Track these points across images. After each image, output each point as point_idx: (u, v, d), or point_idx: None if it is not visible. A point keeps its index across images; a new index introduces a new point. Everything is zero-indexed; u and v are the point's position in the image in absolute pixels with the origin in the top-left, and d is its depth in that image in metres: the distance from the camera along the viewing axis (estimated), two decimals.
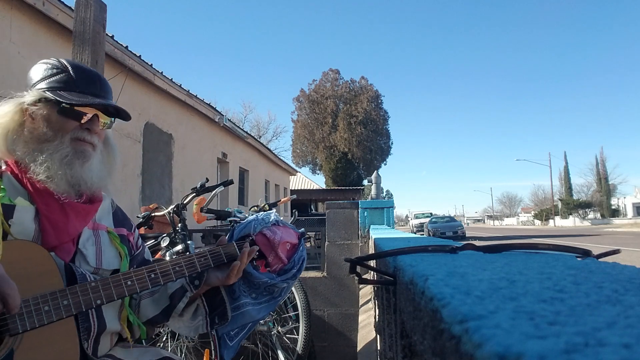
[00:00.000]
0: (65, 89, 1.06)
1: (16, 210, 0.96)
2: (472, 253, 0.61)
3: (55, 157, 1.02)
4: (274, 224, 1.38)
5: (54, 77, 1.07)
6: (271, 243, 1.30)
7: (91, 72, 1.13)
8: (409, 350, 0.62)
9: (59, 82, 1.07)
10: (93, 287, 0.96)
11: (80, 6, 2.34)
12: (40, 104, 1.05)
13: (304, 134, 34.42)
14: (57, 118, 1.05)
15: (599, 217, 44.67)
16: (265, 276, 1.33)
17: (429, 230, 21.44)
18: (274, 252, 1.31)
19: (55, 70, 1.07)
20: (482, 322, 0.24)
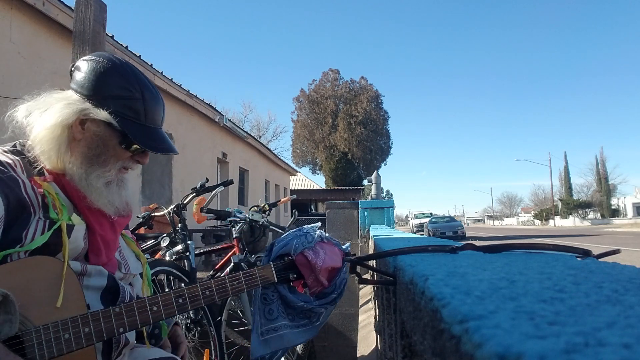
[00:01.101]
0: (134, 119, 1.00)
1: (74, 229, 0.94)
2: (472, 253, 0.61)
3: (100, 182, 0.99)
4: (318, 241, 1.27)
5: (126, 101, 0.99)
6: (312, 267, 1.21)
7: (159, 101, 1.07)
8: (409, 350, 0.61)
9: (130, 109, 0.99)
10: (117, 314, 0.91)
11: (80, 6, 2.34)
12: (102, 125, 0.98)
13: (304, 134, 34.42)
14: (115, 145, 1.00)
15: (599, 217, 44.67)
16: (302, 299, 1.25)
17: (429, 230, 21.43)
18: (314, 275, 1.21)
19: (129, 93, 1.00)
20: (482, 322, 0.24)
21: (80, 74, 1.00)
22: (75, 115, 0.96)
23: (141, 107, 1.01)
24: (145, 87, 1.03)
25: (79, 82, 0.99)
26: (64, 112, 0.96)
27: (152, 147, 1.02)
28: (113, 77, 0.99)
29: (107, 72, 0.99)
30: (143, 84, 1.03)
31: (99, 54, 1.03)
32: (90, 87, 0.98)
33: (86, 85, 0.98)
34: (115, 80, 0.99)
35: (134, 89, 1.00)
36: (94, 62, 1.00)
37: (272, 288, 1.27)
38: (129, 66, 1.04)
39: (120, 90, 0.99)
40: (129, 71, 1.02)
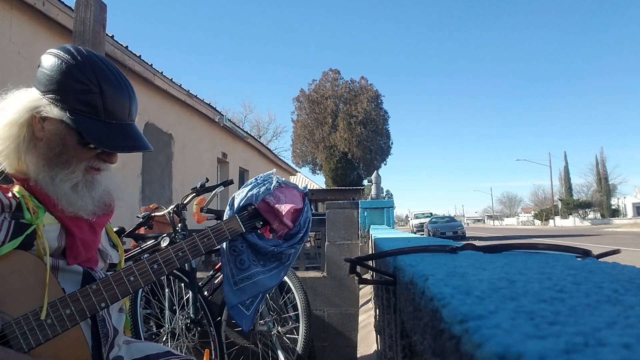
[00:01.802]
0: (91, 115, 0.92)
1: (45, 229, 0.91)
2: (472, 253, 0.61)
3: (66, 185, 0.93)
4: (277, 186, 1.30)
5: (82, 96, 0.91)
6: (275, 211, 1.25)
7: (123, 94, 0.97)
8: (409, 350, 0.61)
9: (85, 105, 0.92)
10: (94, 290, 0.91)
11: (80, 6, 2.34)
12: (58, 123, 0.92)
13: (304, 134, 34.41)
14: (75, 145, 0.93)
15: (599, 217, 44.66)
16: (271, 244, 1.29)
17: (429, 230, 21.44)
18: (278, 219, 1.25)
19: (84, 87, 0.92)
20: (482, 322, 0.24)
21: (40, 69, 0.94)
22: (28, 113, 0.91)
23: (98, 101, 0.92)
24: (105, 79, 0.94)
25: (38, 77, 0.94)
26: (18, 109, 0.91)
27: (111, 145, 0.94)
28: (70, 70, 0.92)
29: (64, 66, 0.92)
30: (103, 75, 0.94)
31: (60, 47, 0.96)
32: (47, 82, 0.92)
33: (43, 80, 0.92)
34: (71, 73, 0.92)
35: (91, 82, 0.92)
36: (53, 55, 0.94)
37: (240, 239, 1.31)
38: (90, 58, 0.95)
39: (76, 83, 0.91)
40: (87, 63, 0.93)
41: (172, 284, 2.59)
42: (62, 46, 0.97)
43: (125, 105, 0.98)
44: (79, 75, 0.92)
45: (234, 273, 1.30)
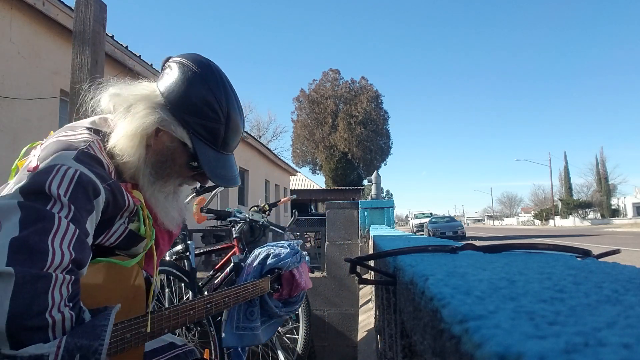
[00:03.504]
0: (209, 143, 0.93)
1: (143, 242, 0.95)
2: (472, 253, 0.61)
3: (161, 196, 0.95)
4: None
5: (208, 123, 0.91)
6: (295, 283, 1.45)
7: (240, 128, 0.99)
8: (409, 350, 0.61)
9: (208, 132, 0.92)
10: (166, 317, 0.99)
11: (80, 6, 2.34)
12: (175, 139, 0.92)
13: (304, 134, 34.40)
14: (182, 163, 0.95)
15: (599, 217, 44.65)
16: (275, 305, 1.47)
17: (429, 230, 21.43)
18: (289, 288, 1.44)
19: (214, 115, 0.91)
20: (482, 322, 0.24)
21: (171, 77, 0.92)
22: (155, 126, 0.90)
23: (222, 132, 0.93)
24: (233, 113, 0.95)
25: (167, 85, 0.92)
26: (145, 120, 0.89)
27: (220, 176, 0.95)
28: (202, 93, 0.90)
29: (198, 86, 0.91)
30: (232, 108, 0.95)
31: (194, 60, 0.94)
32: (175, 97, 0.90)
33: (172, 93, 0.91)
34: (203, 97, 0.90)
35: (221, 112, 0.92)
36: (186, 69, 0.92)
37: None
38: (222, 83, 0.94)
39: (205, 109, 0.91)
40: (220, 90, 0.93)
41: (172, 284, 2.59)
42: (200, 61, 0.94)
43: (238, 139, 1.00)
44: (214, 104, 0.91)
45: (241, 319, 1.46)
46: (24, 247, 0.67)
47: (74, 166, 0.77)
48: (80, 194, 0.76)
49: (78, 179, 0.76)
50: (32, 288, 0.66)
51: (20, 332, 0.64)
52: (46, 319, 0.67)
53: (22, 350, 0.64)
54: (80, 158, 0.80)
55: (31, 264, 0.67)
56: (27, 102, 4.61)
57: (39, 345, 0.65)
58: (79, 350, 0.68)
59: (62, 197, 0.73)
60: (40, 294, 0.66)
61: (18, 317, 0.64)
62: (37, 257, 0.68)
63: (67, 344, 0.67)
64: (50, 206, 0.72)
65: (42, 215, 0.71)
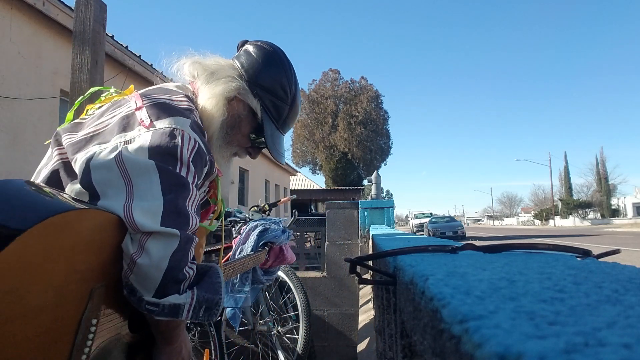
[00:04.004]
0: (274, 119, 1.03)
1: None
2: (472, 253, 0.61)
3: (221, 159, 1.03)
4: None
5: (277, 101, 1.02)
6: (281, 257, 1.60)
7: (297, 115, 1.10)
8: (409, 350, 0.61)
9: (275, 109, 1.02)
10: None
11: (80, 6, 2.34)
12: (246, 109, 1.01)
13: (304, 134, 34.39)
14: (246, 133, 1.03)
15: (599, 217, 44.63)
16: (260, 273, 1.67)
17: (429, 230, 21.42)
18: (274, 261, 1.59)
19: (283, 95, 1.02)
20: (482, 322, 0.24)
21: (249, 55, 1.02)
22: (236, 92, 0.98)
23: (285, 112, 1.04)
24: (297, 98, 1.07)
25: (247, 62, 1.01)
26: (229, 85, 0.97)
27: (276, 151, 1.04)
28: (278, 74, 1.01)
29: (276, 67, 1.01)
30: (297, 94, 1.08)
31: (272, 46, 1.05)
32: (254, 73, 1.00)
33: (251, 68, 1.00)
34: (279, 77, 1.01)
35: (289, 94, 1.03)
36: (267, 51, 1.03)
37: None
38: (293, 70, 1.07)
39: (278, 88, 1.01)
40: (293, 78, 1.05)
41: None
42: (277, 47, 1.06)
43: (293, 124, 1.10)
44: (286, 86, 1.02)
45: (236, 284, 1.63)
46: (175, 210, 0.74)
47: (192, 135, 0.82)
48: (198, 163, 0.83)
49: (198, 149, 0.82)
50: (185, 248, 0.74)
51: (168, 283, 0.73)
52: (185, 274, 0.76)
53: (164, 299, 0.73)
54: (194, 127, 0.85)
55: (182, 226, 0.74)
56: (27, 102, 4.61)
57: (176, 296, 0.74)
58: (205, 302, 0.79)
59: (190, 164, 0.80)
60: (188, 253, 0.76)
61: (173, 270, 0.72)
62: (185, 221, 0.76)
63: (198, 296, 0.77)
64: (185, 173, 0.79)
65: (182, 182, 0.77)
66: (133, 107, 0.85)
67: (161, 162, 0.75)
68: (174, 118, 0.82)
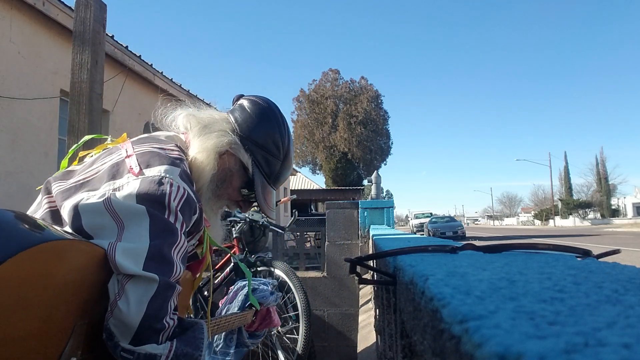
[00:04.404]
0: (265, 174, 1.03)
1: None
2: (472, 253, 0.61)
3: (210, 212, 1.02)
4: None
5: (269, 157, 1.02)
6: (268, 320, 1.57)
7: (289, 171, 1.10)
8: (409, 350, 0.61)
9: (267, 164, 1.02)
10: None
11: (80, 6, 2.34)
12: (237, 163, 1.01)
13: (304, 134, 34.40)
14: (236, 187, 1.03)
15: (599, 217, 44.63)
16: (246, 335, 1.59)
17: (429, 230, 21.42)
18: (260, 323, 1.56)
19: (275, 151, 1.03)
20: (482, 322, 0.24)
21: (243, 110, 1.04)
22: (228, 146, 0.99)
23: (278, 167, 1.05)
24: (289, 153, 1.08)
25: (241, 117, 1.03)
26: (221, 139, 0.98)
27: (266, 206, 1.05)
28: (272, 130, 1.02)
29: (269, 123, 1.03)
30: (290, 149, 1.07)
31: (267, 101, 1.07)
32: (247, 128, 1.01)
33: (244, 123, 1.01)
34: (272, 133, 1.02)
35: (282, 150, 1.04)
36: (261, 107, 1.04)
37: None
38: (287, 126, 1.08)
39: (271, 144, 1.02)
40: (286, 134, 1.06)
41: None
42: (271, 102, 1.09)
43: (286, 179, 1.12)
44: (279, 142, 1.03)
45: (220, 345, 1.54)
46: (159, 256, 0.74)
47: (181, 184, 0.83)
48: (187, 211, 0.83)
49: (187, 198, 0.82)
50: (165, 295, 0.73)
51: (145, 331, 0.71)
52: (164, 324, 0.74)
53: (140, 347, 0.71)
54: (183, 177, 0.85)
55: (164, 273, 0.74)
56: (27, 102, 4.61)
57: (153, 346, 0.72)
58: (184, 357, 0.76)
59: (178, 213, 0.80)
60: (168, 301, 0.74)
61: (150, 318, 0.71)
62: (167, 268, 0.75)
63: (176, 349, 0.75)
64: (174, 220, 0.79)
65: (170, 228, 0.77)
66: (123, 155, 0.86)
67: (149, 207, 0.76)
68: (164, 167, 0.83)
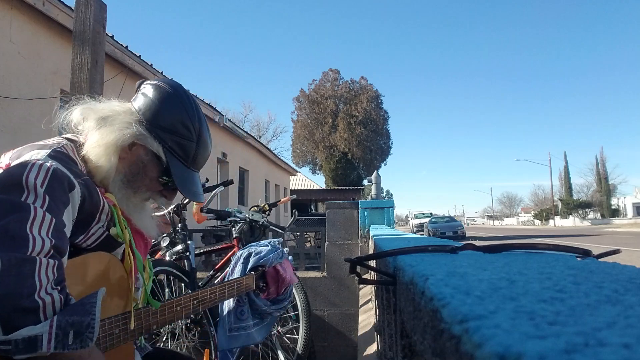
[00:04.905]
0: (181, 158, 0.99)
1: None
2: (472, 253, 0.61)
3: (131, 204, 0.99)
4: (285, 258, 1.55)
5: (181, 140, 0.97)
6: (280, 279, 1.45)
7: (208, 149, 1.06)
8: (409, 350, 0.62)
9: (181, 148, 0.98)
10: (153, 313, 1.01)
11: (80, 6, 2.34)
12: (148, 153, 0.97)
13: (304, 134, 34.40)
14: (153, 177, 1.00)
15: (599, 217, 44.61)
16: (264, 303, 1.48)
17: (429, 230, 21.42)
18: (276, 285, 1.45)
19: (186, 133, 0.98)
20: (482, 322, 0.24)
21: (146, 97, 0.99)
22: (132, 139, 0.95)
23: (192, 150, 1.00)
24: (203, 132, 1.03)
25: (142, 104, 0.98)
26: (124, 132, 0.94)
27: (188, 190, 1.01)
28: (178, 111, 0.98)
29: (174, 105, 0.98)
30: (202, 129, 1.02)
31: (169, 84, 1.02)
32: (151, 114, 0.96)
33: (148, 110, 0.97)
34: (178, 115, 0.98)
35: (194, 132, 1.00)
36: (163, 90, 0.99)
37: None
38: (194, 105, 1.02)
39: (179, 126, 0.98)
40: (195, 113, 1.01)
41: (172, 284, 2.59)
42: (170, 82, 1.03)
43: (206, 158, 1.07)
44: (188, 123, 0.98)
45: (232, 321, 1.46)
46: (4, 234, 0.68)
47: (49, 162, 0.81)
48: (57, 186, 0.79)
49: (53, 173, 0.79)
50: (19, 271, 0.67)
51: (11, 314, 0.65)
52: (36, 301, 0.67)
53: (14, 334, 0.64)
54: (54, 155, 0.84)
55: (14, 249, 0.68)
56: (27, 102, 4.61)
57: (30, 328, 0.65)
58: (72, 327, 0.69)
59: (38, 188, 0.76)
60: (27, 277, 0.67)
61: (8, 298, 0.64)
62: (19, 243, 0.69)
63: (58, 322, 0.68)
64: (25, 197, 0.74)
65: (18, 206, 0.73)
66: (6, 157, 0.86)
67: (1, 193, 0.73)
68: (31, 152, 0.82)
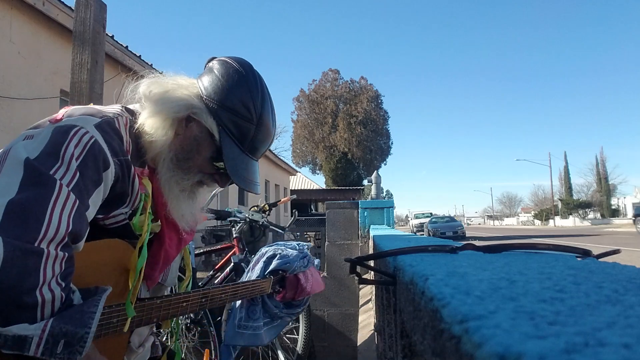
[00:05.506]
0: (237, 140, 0.92)
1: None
2: (472, 253, 0.61)
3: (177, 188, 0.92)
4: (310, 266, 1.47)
5: (239, 120, 0.91)
6: (300, 287, 1.38)
7: (270, 136, 0.98)
8: (409, 350, 0.62)
9: (237, 129, 0.91)
10: (156, 306, 0.94)
11: (80, 6, 2.34)
12: (204, 131, 0.90)
13: (303, 134, 34.40)
14: (206, 157, 0.92)
15: (599, 217, 44.59)
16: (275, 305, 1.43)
17: (429, 230, 21.42)
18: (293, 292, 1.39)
19: (246, 113, 0.91)
20: (482, 322, 0.24)
21: (211, 72, 0.94)
22: (187, 111, 0.89)
23: (250, 132, 0.93)
24: (265, 117, 0.95)
25: (208, 80, 0.93)
26: (179, 104, 0.89)
27: (241, 177, 0.93)
28: (241, 90, 0.91)
29: (234, 82, 0.92)
30: (266, 113, 0.95)
31: (238, 61, 0.96)
32: (213, 90, 0.91)
33: (212, 86, 0.91)
34: (240, 94, 0.91)
35: (255, 113, 0.92)
36: (228, 66, 0.94)
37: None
38: (261, 87, 0.95)
39: (240, 106, 0.91)
40: (258, 92, 0.94)
41: None
42: (242, 61, 0.97)
43: (266, 147, 0.99)
44: (248, 102, 0.92)
45: (242, 317, 1.42)
46: (20, 211, 0.64)
47: (92, 132, 0.76)
48: (91, 163, 0.74)
49: (90, 147, 0.75)
50: (23, 263, 0.62)
51: (8, 307, 0.62)
52: (36, 297, 0.64)
53: (6, 329, 0.61)
54: (102, 126, 0.79)
55: (23, 233, 0.63)
56: (27, 102, 4.61)
57: (23, 326, 0.62)
58: (64, 336, 0.65)
59: (72, 162, 0.72)
60: (31, 270, 0.63)
61: (8, 291, 0.61)
62: (32, 226, 0.64)
63: (52, 328, 0.64)
64: (55, 170, 0.70)
65: (45, 180, 0.68)
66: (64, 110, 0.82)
67: (36, 160, 0.69)
68: (82, 117, 0.78)
